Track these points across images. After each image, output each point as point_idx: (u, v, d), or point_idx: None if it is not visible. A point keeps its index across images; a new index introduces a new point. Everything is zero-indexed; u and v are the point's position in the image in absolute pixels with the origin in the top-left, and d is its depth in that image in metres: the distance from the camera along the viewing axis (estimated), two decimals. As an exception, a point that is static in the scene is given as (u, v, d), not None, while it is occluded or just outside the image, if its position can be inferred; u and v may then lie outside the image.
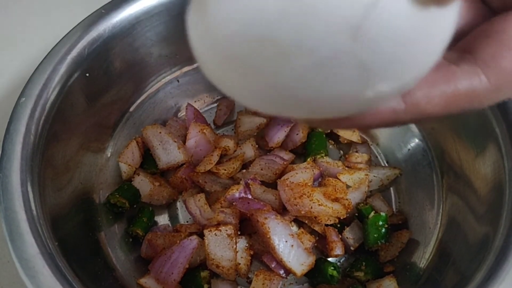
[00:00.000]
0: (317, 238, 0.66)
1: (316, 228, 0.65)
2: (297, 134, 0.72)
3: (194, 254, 0.62)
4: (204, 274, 0.61)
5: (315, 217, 0.64)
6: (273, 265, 0.62)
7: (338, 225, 0.66)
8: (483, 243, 0.53)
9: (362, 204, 0.68)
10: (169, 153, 0.70)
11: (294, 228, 0.66)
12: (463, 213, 0.61)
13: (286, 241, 0.60)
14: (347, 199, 0.66)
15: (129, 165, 0.70)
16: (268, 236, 0.60)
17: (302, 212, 0.63)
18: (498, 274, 0.47)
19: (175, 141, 0.71)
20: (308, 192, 0.63)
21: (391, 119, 0.29)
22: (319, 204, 0.63)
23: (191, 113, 0.76)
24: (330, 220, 0.64)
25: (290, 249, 0.60)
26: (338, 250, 0.64)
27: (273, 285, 0.62)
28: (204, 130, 0.72)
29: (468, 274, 0.51)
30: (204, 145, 0.71)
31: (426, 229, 0.66)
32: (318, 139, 0.73)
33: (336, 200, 0.65)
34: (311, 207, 0.62)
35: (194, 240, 0.62)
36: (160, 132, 0.71)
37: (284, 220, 0.62)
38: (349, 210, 0.65)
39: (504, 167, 0.55)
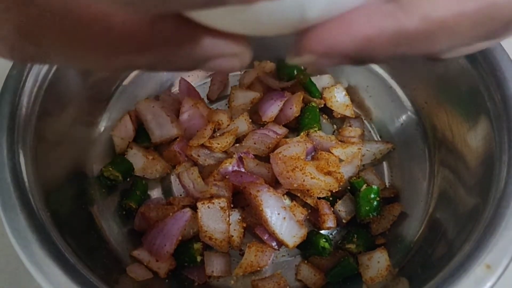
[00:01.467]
0: (309, 211, 0.66)
1: (309, 201, 0.66)
2: (291, 109, 0.72)
3: (187, 227, 0.62)
4: (197, 246, 0.62)
5: (308, 190, 0.64)
6: (265, 237, 0.62)
7: (330, 198, 0.67)
8: (472, 214, 0.53)
9: (355, 178, 0.68)
10: (162, 127, 0.70)
11: (287, 201, 0.67)
12: (454, 186, 0.62)
13: (279, 214, 0.61)
14: (339, 173, 0.66)
15: (122, 138, 0.70)
16: (260, 209, 0.60)
17: (295, 185, 0.63)
18: (486, 244, 0.47)
19: (168, 115, 0.70)
20: (300, 165, 0.64)
21: (392, 26, 0.24)
22: (312, 177, 0.63)
23: (185, 88, 0.75)
24: (323, 193, 0.65)
25: (282, 221, 0.61)
26: (330, 222, 0.64)
27: (265, 257, 0.62)
28: (198, 105, 0.72)
29: (457, 245, 0.51)
30: (198, 119, 0.71)
31: (418, 202, 0.66)
32: (312, 113, 0.73)
33: (328, 173, 0.66)
34: (304, 180, 0.63)
35: (187, 213, 0.62)
36: (153, 106, 0.71)
37: (277, 193, 0.62)
38: (341, 184, 0.66)
39: (495, 140, 0.55)
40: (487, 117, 0.58)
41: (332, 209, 0.66)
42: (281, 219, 0.61)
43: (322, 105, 0.75)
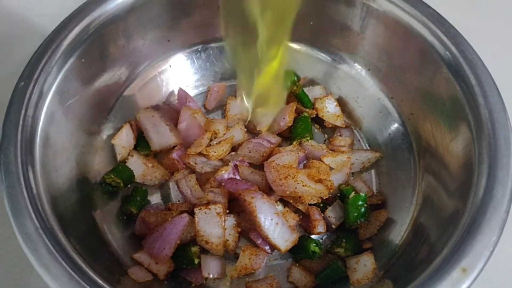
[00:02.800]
0: (301, 216, 0.70)
1: (300, 207, 0.69)
2: (284, 119, 0.76)
3: (185, 231, 0.65)
4: (194, 249, 0.65)
5: (299, 197, 0.68)
6: (259, 242, 0.66)
7: (321, 205, 0.70)
8: (453, 219, 0.57)
9: (344, 185, 0.72)
10: (161, 136, 0.74)
11: (280, 207, 0.70)
12: (437, 192, 0.65)
13: (272, 219, 0.64)
14: (330, 180, 0.70)
15: (124, 147, 0.73)
16: (254, 215, 0.63)
17: (287, 192, 0.66)
18: (462, 249, 0.51)
19: (167, 125, 0.74)
20: (293, 173, 0.67)
21: None
22: (303, 185, 0.66)
23: (183, 98, 0.79)
24: (314, 200, 0.68)
25: (275, 226, 0.64)
26: (320, 228, 0.68)
27: (258, 260, 0.66)
28: (195, 114, 0.75)
29: (437, 249, 0.55)
30: (195, 128, 0.75)
31: (403, 208, 0.70)
32: (304, 123, 0.76)
33: (319, 181, 0.69)
34: (296, 188, 0.66)
35: (185, 218, 0.65)
36: (153, 116, 0.74)
37: (270, 199, 0.65)
38: (331, 191, 0.69)
39: (475, 151, 0.59)
40: (468, 129, 0.61)
41: (323, 215, 0.69)
42: (274, 224, 0.64)
43: (314, 115, 0.78)
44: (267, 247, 0.66)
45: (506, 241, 0.71)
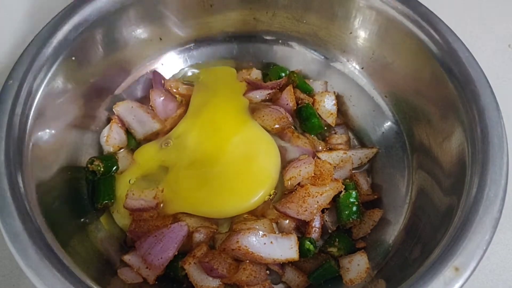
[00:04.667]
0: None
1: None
2: (288, 105, 0.77)
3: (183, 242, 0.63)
4: (182, 263, 0.63)
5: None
6: (271, 269, 0.65)
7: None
8: (446, 217, 0.57)
9: (348, 180, 0.71)
10: (144, 124, 0.74)
11: (260, 225, 0.66)
12: (431, 190, 0.65)
13: (265, 243, 0.62)
14: (335, 179, 0.70)
15: (118, 146, 0.73)
16: (250, 252, 0.61)
17: (315, 211, 0.66)
18: (455, 248, 0.50)
19: (148, 113, 0.74)
20: (305, 192, 0.67)
21: None
22: (321, 194, 0.66)
23: (158, 79, 0.79)
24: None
25: (272, 245, 0.62)
26: (315, 235, 0.67)
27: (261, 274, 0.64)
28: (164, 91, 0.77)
29: (430, 248, 0.54)
30: (170, 103, 0.77)
31: (397, 207, 0.69)
32: (315, 117, 0.77)
33: (327, 180, 0.68)
34: (318, 202, 0.66)
35: (184, 227, 0.64)
36: (132, 107, 0.74)
37: (250, 228, 0.64)
38: (339, 184, 0.69)
39: (468, 150, 0.59)
40: (461, 128, 0.61)
41: (322, 222, 0.68)
42: (269, 244, 0.62)
43: (312, 102, 0.78)
44: (276, 267, 0.65)
45: (499, 241, 0.72)
